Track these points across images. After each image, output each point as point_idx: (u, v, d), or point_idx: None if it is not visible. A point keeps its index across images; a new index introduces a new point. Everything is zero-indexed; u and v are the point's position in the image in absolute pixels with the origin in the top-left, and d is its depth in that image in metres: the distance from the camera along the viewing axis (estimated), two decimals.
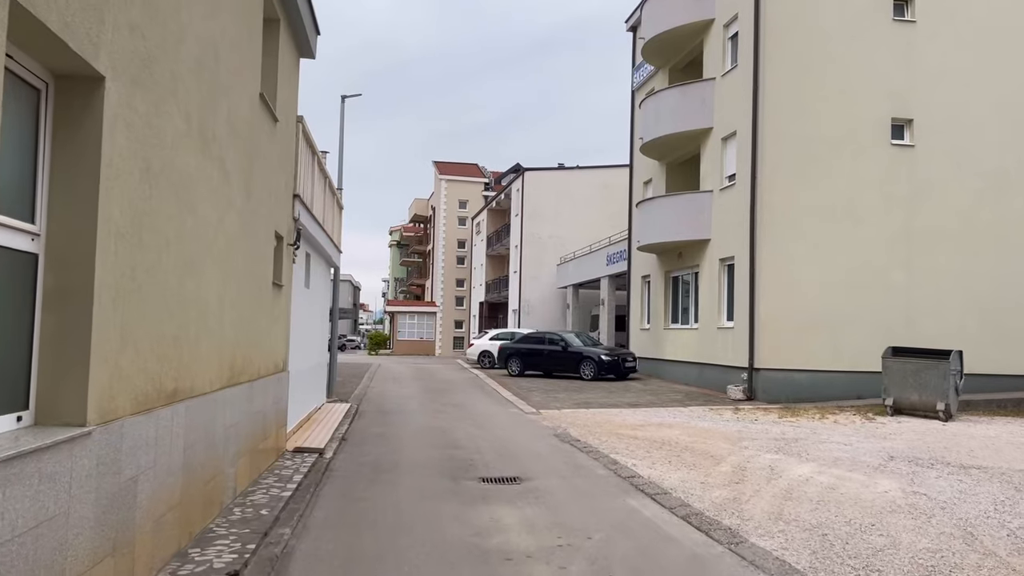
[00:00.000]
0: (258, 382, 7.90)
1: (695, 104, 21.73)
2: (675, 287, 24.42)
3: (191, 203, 5.21)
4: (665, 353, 24.32)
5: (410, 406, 17.19)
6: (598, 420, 14.95)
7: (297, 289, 11.06)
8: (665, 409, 16.81)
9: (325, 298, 15.48)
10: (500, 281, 49.33)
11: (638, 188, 27.59)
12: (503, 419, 15.21)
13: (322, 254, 14.05)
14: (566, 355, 24.85)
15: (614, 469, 9.85)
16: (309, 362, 12.96)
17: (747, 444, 12.01)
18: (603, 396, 19.46)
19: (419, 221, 77.39)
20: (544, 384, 22.97)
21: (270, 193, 8.19)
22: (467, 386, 23.02)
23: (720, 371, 20.24)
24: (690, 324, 22.91)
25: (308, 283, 12.44)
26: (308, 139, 10.59)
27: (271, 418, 8.76)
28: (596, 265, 33.04)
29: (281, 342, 9.41)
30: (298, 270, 11.05)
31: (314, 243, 12.40)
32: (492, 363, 30.82)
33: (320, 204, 12.60)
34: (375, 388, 21.72)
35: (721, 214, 20.77)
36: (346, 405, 16.03)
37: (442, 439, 12.34)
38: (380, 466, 9.83)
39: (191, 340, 5.32)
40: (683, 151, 23.62)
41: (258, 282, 7.72)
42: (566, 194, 41.50)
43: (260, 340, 7.96)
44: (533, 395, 19.70)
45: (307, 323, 12.52)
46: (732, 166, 20.33)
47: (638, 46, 27.69)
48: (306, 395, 12.79)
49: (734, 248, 19.86)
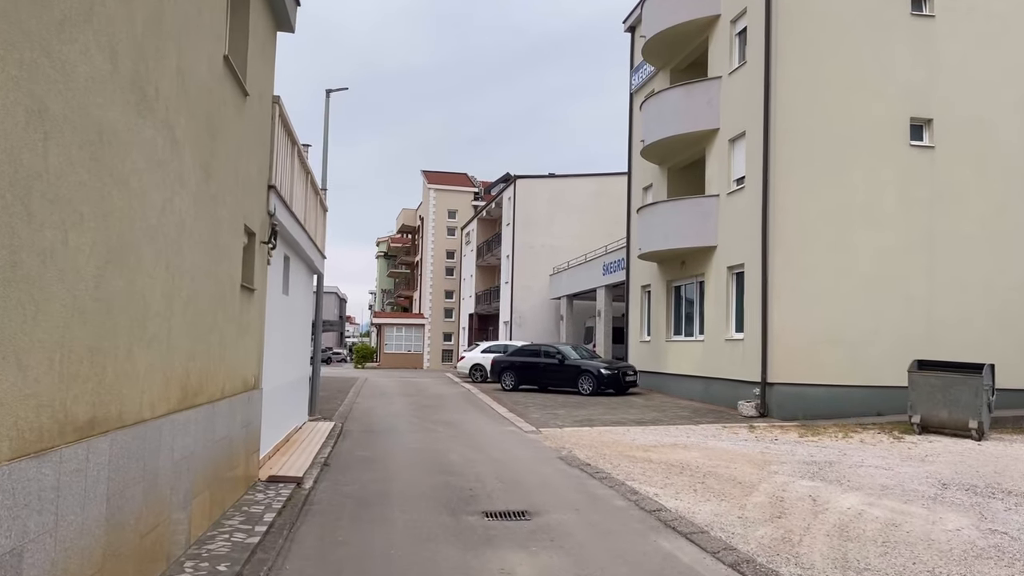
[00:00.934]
0: (222, 403, 6.62)
1: (700, 104, 20.66)
2: (678, 297, 23.27)
3: (120, 172, 3.96)
4: (667, 366, 23.13)
5: (399, 425, 15.89)
6: (605, 440, 13.72)
7: (273, 295, 9.79)
8: (674, 427, 15.59)
9: (307, 307, 14.19)
10: (491, 292, 48.09)
11: (637, 194, 26.48)
12: (501, 439, 13.94)
13: (303, 258, 12.78)
14: (563, 369, 23.61)
15: (634, 500, 8.62)
16: (288, 377, 11.67)
17: (775, 468, 10.81)
18: (605, 413, 18.24)
19: (407, 232, 76.07)
20: (541, 399, 21.72)
21: (238, 179, 6.94)
22: (459, 402, 21.73)
23: (729, 386, 19.07)
24: (695, 336, 21.74)
25: (287, 289, 11.17)
26: (286, 124, 9.35)
27: (239, 444, 7.47)
28: (592, 275, 31.88)
29: (253, 355, 8.13)
30: (274, 273, 9.78)
31: (294, 245, 11.14)
32: (484, 377, 29.53)
33: (301, 202, 11.35)
34: (361, 404, 20.39)
35: (729, 220, 19.66)
36: (330, 424, 14.72)
37: (436, 463, 11.07)
38: (367, 498, 8.54)
39: (120, 353, 4.06)
40: (686, 154, 22.53)
41: (222, 284, 6.46)
42: (559, 202, 40.37)
43: (225, 353, 6.69)
44: (531, 411, 18.44)
45: (286, 334, 11.23)
46: (741, 168, 19.24)
47: (637, 46, 26.67)
48: (285, 414, 11.49)
49: (743, 255, 18.74)
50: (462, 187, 61.94)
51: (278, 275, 10.21)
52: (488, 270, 51.28)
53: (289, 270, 11.29)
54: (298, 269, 12.50)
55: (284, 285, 11.03)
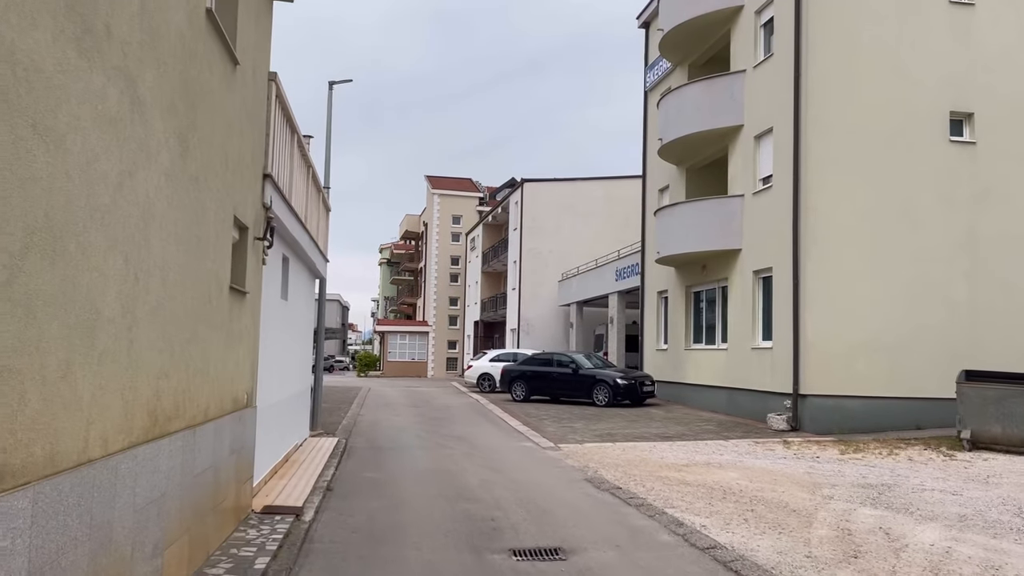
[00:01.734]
0: (206, 427, 5.55)
1: (723, 99, 19.61)
2: (697, 303, 22.17)
3: (50, 126, 2.90)
4: (687, 376, 22.02)
5: (407, 440, 14.80)
6: (631, 458, 12.61)
7: (270, 300, 8.72)
8: (703, 443, 14.49)
9: (308, 314, 13.11)
10: (496, 299, 47.00)
11: (653, 196, 25.41)
12: (519, 457, 12.84)
13: (304, 260, 11.72)
14: (577, 378, 22.49)
15: (681, 534, 7.52)
16: (287, 391, 10.59)
17: (829, 493, 9.71)
18: (625, 426, 17.13)
19: (410, 238, 75.04)
20: (554, 411, 20.61)
21: (227, 163, 5.89)
22: (469, 413, 20.63)
23: (756, 397, 17.95)
24: (717, 344, 20.64)
25: (286, 293, 10.10)
26: (284, 106, 8.30)
27: (228, 474, 6.39)
28: (604, 281, 30.79)
29: (245, 368, 7.05)
30: (271, 276, 8.71)
31: (293, 245, 10.08)
32: (493, 386, 28.42)
33: (301, 197, 10.29)
34: (366, 417, 19.29)
35: (754, 221, 18.58)
36: (333, 440, 13.63)
37: (451, 486, 9.98)
38: (376, 533, 7.45)
39: (50, 374, 2.99)
40: (707, 153, 21.48)
41: (205, 285, 5.40)
42: (568, 207, 39.31)
43: (209, 367, 5.62)
44: (546, 425, 17.34)
45: (285, 343, 10.16)
46: (768, 167, 18.17)
47: (652, 42, 25.67)
48: (284, 432, 10.41)
49: (771, 258, 17.65)
50: (467, 192, 60.92)
51: (276, 278, 9.14)
52: (494, 276, 50.21)
53: (288, 273, 10.22)
54: (298, 272, 11.44)
55: (283, 289, 9.96)
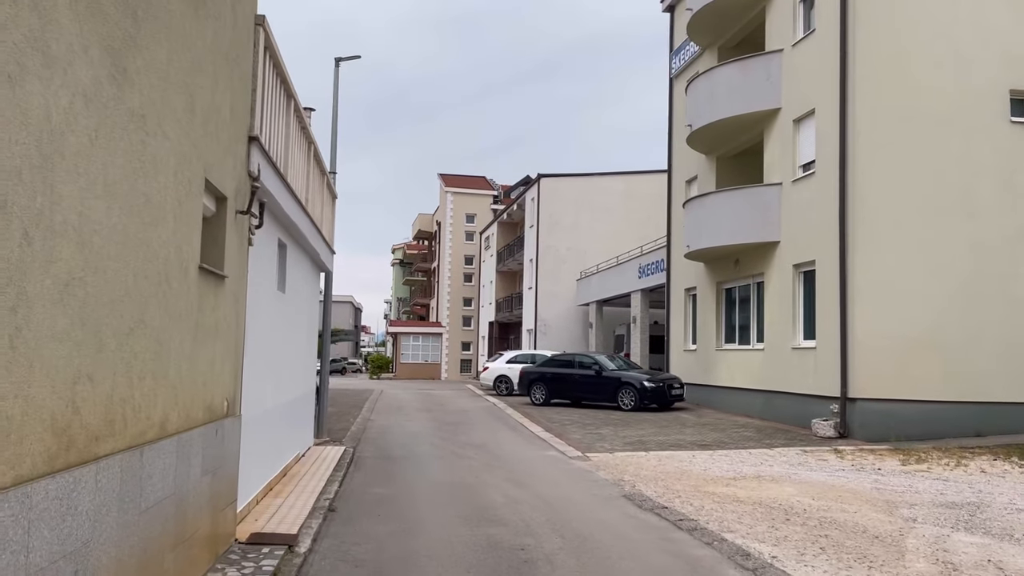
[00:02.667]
0: (162, 445, 4.32)
1: (758, 81, 18.27)
2: (729, 301, 20.81)
3: None
4: (718, 378, 20.67)
5: (421, 448, 13.56)
6: (670, 470, 11.31)
7: (263, 290, 7.49)
8: (746, 451, 13.16)
9: (311, 310, 11.89)
10: (512, 299, 45.72)
11: (679, 188, 24.08)
12: (545, 468, 11.57)
13: (306, 250, 10.50)
14: (600, 381, 21.18)
15: (752, 568, 6.24)
16: (286, 396, 9.37)
17: (909, 513, 8.38)
18: (656, 432, 15.81)
19: (423, 238, 73.90)
20: (578, 416, 19.30)
21: (193, 108, 4.65)
22: (486, 418, 19.37)
23: (797, 401, 16.59)
24: (751, 344, 19.28)
25: (283, 285, 8.88)
26: (277, 62, 7.06)
27: (200, 500, 5.15)
28: (626, 278, 29.45)
29: (225, 369, 5.82)
30: (263, 262, 7.49)
31: (291, 229, 8.86)
32: (510, 389, 27.15)
33: (301, 177, 9.07)
34: (377, 422, 18.07)
35: (794, 211, 17.22)
36: (339, 449, 12.40)
37: (472, 505, 8.72)
38: (385, 568, 6.19)
39: None
40: (740, 140, 20.13)
41: (159, 260, 4.16)
42: (586, 203, 37.97)
43: (168, 368, 4.39)
44: (570, 431, 16.05)
45: (282, 341, 8.93)
46: (809, 152, 16.82)
47: (678, 26, 24.35)
48: (281, 443, 9.18)
49: (814, 251, 16.29)
50: (481, 190, 59.68)
51: (270, 265, 7.92)
52: (509, 276, 48.94)
53: (287, 262, 9.00)
54: (299, 263, 10.22)
55: (280, 280, 8.74)
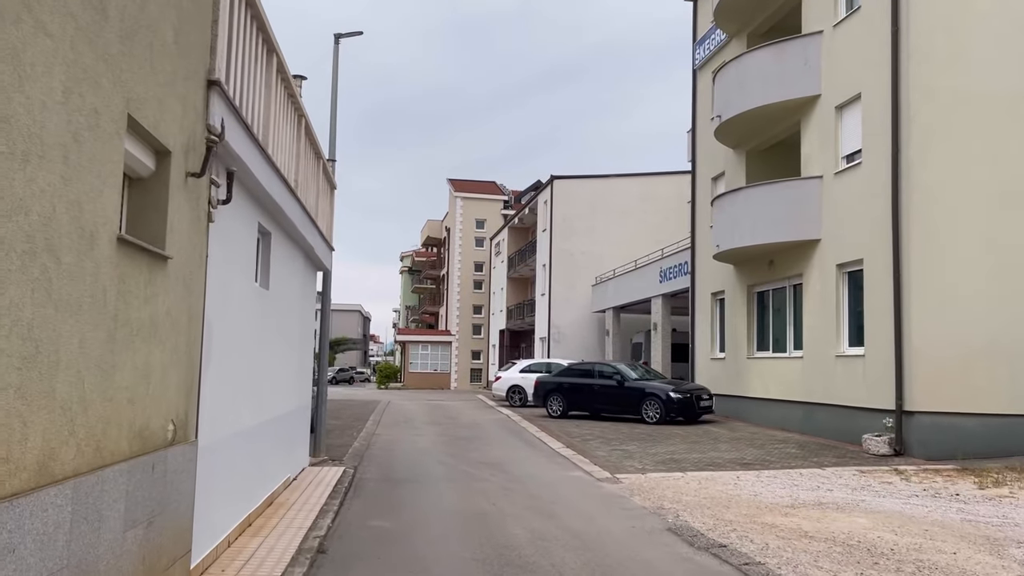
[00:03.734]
0: (39, 497, 2.90)
1: (795, 66, 16.83)
2: (761, 305, 19.33)
3: None
4: (750, 389, 19.16)
5: (430, 468, 12.12)
6: (715, 495, 9.84)
7: (237, 284, 6.11)
8: (795, 472, 11.66)
9: (305, 312, 10.48)
10: (524, 306, 44.30)
11: (704, 186, 22.64)
12: (571, 493, 10.11)
13: (297, 242, 9.12)
14: (623, 391, 19.71)
15: None
16: (272, 411, 7.96)
17: (1021, 554, 6.90)
18: (688, 449, 14.33)
19: (432, 244, 72.59)
20: (599, 430, 17.82)
21: (105, 15, 3.27)
22: (500, 432, 17.92)
23: (843, 414, 15.09)
24: (788, 352, 17.78)
25: (266, 280, 7.49)
26: (251, 1, 5.69)
27: (122, 565, 3.74)
28: (645, 283, 27.97)
29: (168, 380, 4.42)
30: (237, 249, 6.10)
31: (276, 215, 7.47)
32: (524, 400, 25.69)
33: (288, 152, 7.70)
34: (382, 436, 16.64)
35: (837, 206, 15.76)
36: (338, 470, 10.97)
37: (491, 543, 7.28)
38: None
39: None
40: (773, 131, 18.69)
41: (34, 218, 2.77)
42: (601, 205, 36.55)
43: (56, 381, 2.99)
44: (593, 447, 14.59)
45: (266, 346, 7.53)
46: (854, 141, 15.36)
47: (701, 15, 22.99)
48: (262, 468, 7.76)
49: (861, 249, 14.82)
50: (491, 195, 58.37)
51: (245, 254, 6.52)
52: (520, 282, 47.53)
53: (271, 253, 7.60)
54: (289, 257, 8.83)
55: (261, 273, 7.35)
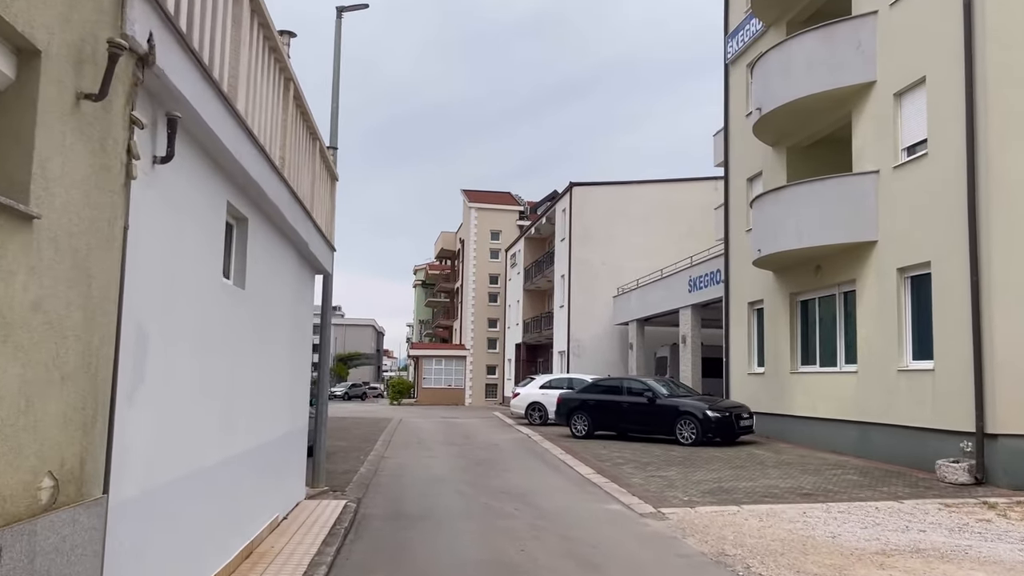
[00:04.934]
0: None
1: (846, 51, 15.29)
2: (805, 315, 17.69)
3: None
4: (792, 407, 17.49)
5: (446, 500, 10.55)
6: (783, 535, 8.21)
7: (192, 276, 4.63)
8: (868, 505, 10.00)
9: (301, 321, 8.97)
10: (541, 319, 42.70)
11: (738, 188, 21.06)
12: (612, 533, 8.52)
13: (287, 235, 7.64)
14: (654, 410, 18.07)
15: None
16: (248, 441, 6.45)
17: None
18: (735, 475, 12.69)
19: (446, 257, 71.18)
20: (629, 452, 16.19)
21: None
22: (522, 455, 16.33)
23: (907, 436, 13.43)
24: (838, 366, 16.12)
25: (243, 278, 6.00)
26: None
27: None
28: (672, 293, 26.34)
29: (41, 409, 2.94)
30: (194, 231, 4.62)
31: (256, 196, 6.00)
32: (544, 418, 24.08)
33: (268, 117, 6.24)
34: (392, 461, 15.09)
35: (896, 203, 14.16)
36: (339, 504, 9.43)
37: None
38: None
39: None
40: (818, 125, 17.11)
41: None
42: (622, 213, 34.98)
43: None
44: (627, 472, 12.99)
45: (241, 360, 6.03)
46: (917, 130, 13.78)
47: (734, 5, 21.52)
48: (239, 510, 6.24)
49: (928, 250, 13.21)
50: (506, 205, 56.93)
51: (205, 238, 5.03)
52: (537, 295, 45.96)
53: (247, 244, 6.11)
54: (275, 252, 7.34)
55: (233, 267, 5.86)
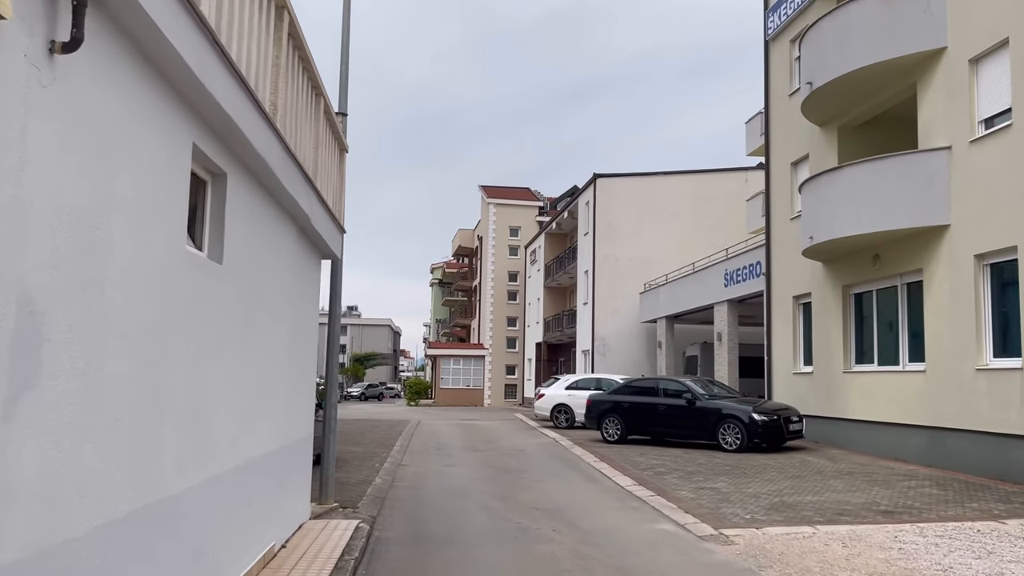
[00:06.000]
0: None
1: (912, 15, 13.80)
2: (860, 309, 16.19)
3: None
4: (846, 409, 15.99)
5: (472, 519, 9.18)
6: (878, 568, 6.77)
7: (133, 239, 3.30)
8: (969, 527, 8.53)
9: (303, 311, 7.63)
10: (562, 317, 41.30)
11: (781, 172, 19.58)
12: (673, 561, 7.10)
13: (283, 203, 6.32)
14: (693, 413, 16.63)
15: None
16: (227, 460, 5.13)
17: None
18: (793, 486, 11.24)
19: (463, 255, 69.90)
20: (669, 459, 14.76)
21: None
22: (552, 463, 14.95)
23: (988, 443, 11.92)
24: (901, 365, 14.61)
25: (219, 249, 4.68)
26: None
27: None
28: (705, 288, 24.85)
29: None
30: (133, 173, 3.28)
31: (233, 141, 4.66)
32: (571, 421, 22.69)
33: (255, 47, 4.91)
34: (410, 469, 13.75)
35: (973, 182, 12.65)
36: (349, 525, 8.08)
37: None
38: None
39: None
40: (875, 100, 15.61)
41: None
42: (648, 206, 33.51)
43: None
44: (671, 484, 11.57)
45: (217, 355, 4.70)
46: (997, 100, 12.27)
47: None
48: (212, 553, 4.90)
49: (1012, 234, 11.70)
50: (525, 201, 55.57)
51: (155, 187, 3.70)
52: (558, 292, 44.55)
53: (226, 206, 4.77)
54: (267, 222, 6.01)
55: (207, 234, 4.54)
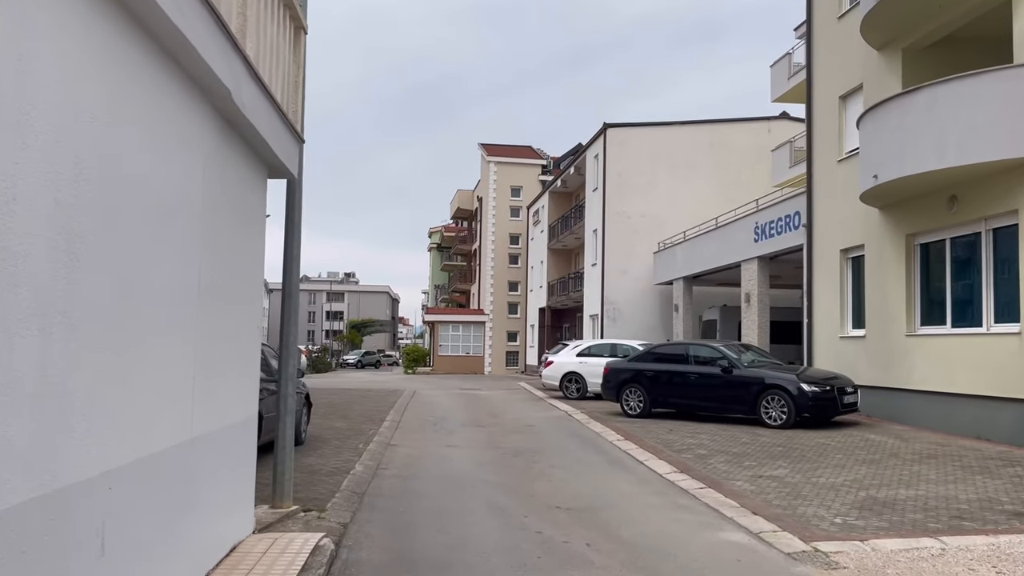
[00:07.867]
0: None
1: None
2: (927, 262, 13.89)
3: None
4: (912, 379, 13.75)
5: (476, 525, 6.92)
6: None
7: None
8: None
9: (230, 241, 5.29)
10: (568, 280, 39.00)
11: (827, 108, 17.14)
12: None
13: (176, 55, 3.93)
14: (731, 382, 14.36)
15: None
16: (77, 470, 2.81)
17: None
18: (875, 476, 9.03)
19: (462, 217, 67.34)
20: (706, 436, 12.54)
21: None
22: (567, 441, 12.73)
23: None
24: (984, 326, 12.33)
25: None
26: None
27: None
28: (730, 245, 22.49)
29: None
30: None
31: None
32: (582, 391, 20.51)
33: None
34: (400, 451, 11.50)
35: None
36: (307, 541, 5.81)
37: None
38: None
39: None
40: (951, 14, 13.16)
41: None
42: (663, 158, 31.00)
43: None
44: (719, 470, 9.37)
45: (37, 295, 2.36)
46: None
47: None
48: None
49: None
50: (527, 159, 52.96)
51: None
52: (563, 254, 42.19)
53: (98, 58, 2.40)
54: (137, 79, 3.64)
55: None
